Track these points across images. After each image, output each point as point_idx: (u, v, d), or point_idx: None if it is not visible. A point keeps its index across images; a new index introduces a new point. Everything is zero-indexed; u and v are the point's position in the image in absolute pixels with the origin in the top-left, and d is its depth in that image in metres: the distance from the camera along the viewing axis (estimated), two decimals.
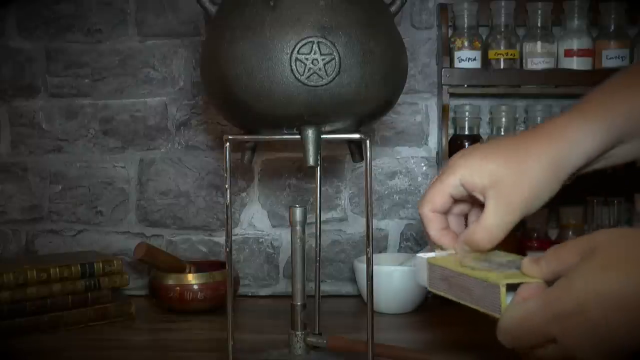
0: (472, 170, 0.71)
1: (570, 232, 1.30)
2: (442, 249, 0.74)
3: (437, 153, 1.34)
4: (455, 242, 0.73)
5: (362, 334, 0.86)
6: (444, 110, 1.27)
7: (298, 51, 0.78)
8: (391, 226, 1.37)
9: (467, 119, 1.30)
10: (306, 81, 0.78)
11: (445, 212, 0.74)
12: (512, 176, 0.69)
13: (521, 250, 1.27)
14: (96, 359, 1.03)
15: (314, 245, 1.00)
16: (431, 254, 0.73)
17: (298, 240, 0.90)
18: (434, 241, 0.74)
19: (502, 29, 1.26)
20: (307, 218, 0.90)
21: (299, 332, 0.91)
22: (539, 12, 1.26)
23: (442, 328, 1.15)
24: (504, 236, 0.70)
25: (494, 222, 0.69)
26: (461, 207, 0.75)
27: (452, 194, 0.72)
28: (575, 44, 1.24)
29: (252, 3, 0.81)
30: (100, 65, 1.37)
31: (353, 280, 1.32)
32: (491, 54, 1.26)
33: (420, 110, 1.35)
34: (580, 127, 0.69)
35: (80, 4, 1.36)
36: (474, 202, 0.74)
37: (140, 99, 1.37)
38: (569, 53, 1.25)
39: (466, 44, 1.27)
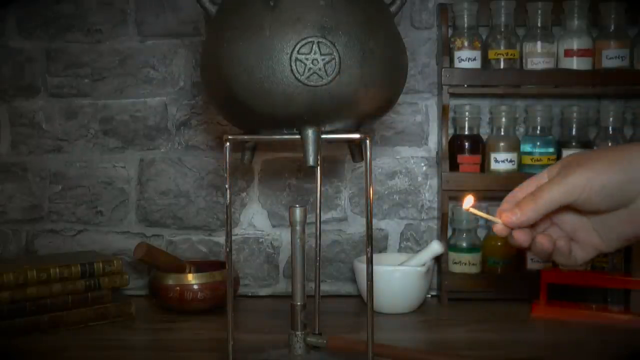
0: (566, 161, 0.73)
1: None
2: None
3: (437, 153, 1.34)
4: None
5: (362, 334, 0.86)
6: (444, 110, 1.27)
7: (298, 51, 0.78)
8: (391, 226, 1.37)
9: (467, 119, 1.30)
10: (306, 81, 0.78)
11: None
12: (585, 162, 0.70)
13: (521, 251, 1.27)
14: (96, 359, 1.03)
15: (314, 245, 1.00)
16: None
17: (298, 240, 0.90)
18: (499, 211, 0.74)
19: (502, 29, 1.26)
20: (307, 218, 0.90)
21: (299, 332, 0.91)
22: (539, 12, 1.26)
23: (442, 328, 1.15)
24: (544, 213, 0.70)
25: (546, 193, 0.70)
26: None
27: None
28: (575, 44, 1.24)
29: (252, 3, 0.81)
30: (100, 65, 1.37)
31: (353, 280, 1.32)
32: (491, 54, 1.26)
33: (420, 110, 1.35)
34: None
35: (80, 4, 1.36)
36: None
37: (140, 99, 1.37)
38: (569, 53, 1.25)
39: (466, 44, 1.27)
